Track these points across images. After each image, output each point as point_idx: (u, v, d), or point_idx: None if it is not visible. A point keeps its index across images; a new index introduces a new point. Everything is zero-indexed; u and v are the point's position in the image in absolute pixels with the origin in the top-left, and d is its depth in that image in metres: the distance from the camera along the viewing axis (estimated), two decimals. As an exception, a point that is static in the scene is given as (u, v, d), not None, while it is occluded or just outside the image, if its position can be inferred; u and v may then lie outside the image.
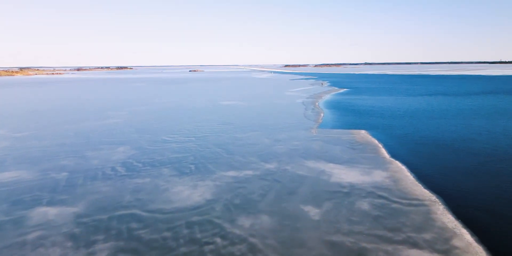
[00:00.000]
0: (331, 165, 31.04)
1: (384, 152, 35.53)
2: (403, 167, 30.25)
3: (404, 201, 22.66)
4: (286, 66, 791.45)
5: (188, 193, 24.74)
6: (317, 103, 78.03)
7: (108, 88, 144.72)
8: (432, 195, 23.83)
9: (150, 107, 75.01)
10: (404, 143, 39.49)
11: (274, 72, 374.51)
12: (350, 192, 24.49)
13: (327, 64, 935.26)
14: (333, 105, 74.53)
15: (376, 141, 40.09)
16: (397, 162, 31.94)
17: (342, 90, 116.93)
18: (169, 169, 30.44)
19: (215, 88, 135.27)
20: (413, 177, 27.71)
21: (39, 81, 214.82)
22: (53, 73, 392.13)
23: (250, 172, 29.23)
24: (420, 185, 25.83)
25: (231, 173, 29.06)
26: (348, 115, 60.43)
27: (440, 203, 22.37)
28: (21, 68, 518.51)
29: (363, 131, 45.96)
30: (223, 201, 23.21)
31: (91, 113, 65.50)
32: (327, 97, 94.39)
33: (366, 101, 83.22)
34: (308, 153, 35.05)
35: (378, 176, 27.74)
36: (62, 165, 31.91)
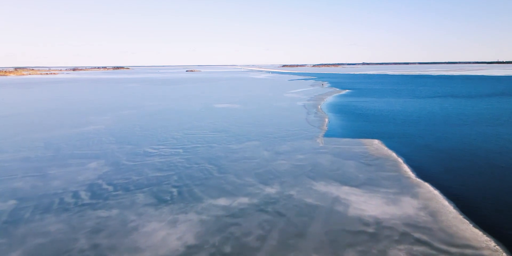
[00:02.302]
0: (346, 188, 25.08)
1: (407, 169, 29.61)
2: (436, 192, 24.31)
3: (454, 251, 16.70)
4: (284, 66, 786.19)
5: (164, 234, 18.70)
6: (319, 106, 72.10)
7: (98, 89, 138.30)
8: (488, 238, 17.89)
9: (138, 111, 68.84)
10: (427, 157, 33.54)
11: (272, 72, 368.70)
12: (377, 233, 18.51)
13: (325, 64, 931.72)
14: (338, 109, 68.58)
15: (394, 154, 34.17)
16: (426, 184, 26.02)
17: (344, 92, 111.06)
18: (145, 195, 24.40)
19: (211, 90, 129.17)
20: (454, 207, 21.77)
21: (29, 81, 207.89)
22: (47, 73, 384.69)
23: (245, 200, 23.24)
24: (467, 221, 19.90)
25: (222, 202, 23.05)
26: (355, 121, 54.52)
27: (505, 254, 16.41)
28: (16, 68, 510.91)
29: (376, 141, 40.05)
30: (208, 249, 17.20)
31: (71, 118, 59.29)
32: (330, 99, 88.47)
33: (373, 103, 77.33)
34: (316, 171, 29.07)
35: (409, 207, 21.78)
36: (13, 189, 25.80)
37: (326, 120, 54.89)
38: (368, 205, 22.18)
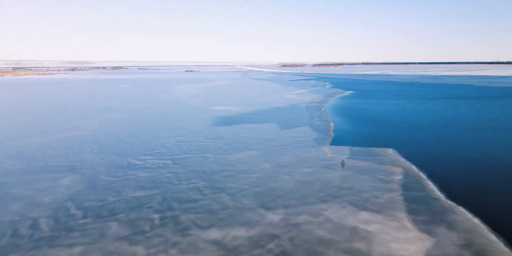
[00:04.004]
0: (365, 215, 20.60)
1: (433, 188, 25.14)
2: (476, 221, 19.84)
3: None
4: (283, 66, 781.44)
5: (133, 288, 14.21)
6: (323, 109, 67.61)
7: (93, 90, 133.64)
8: None
9: (129, 114, 64.30)
10: (452, 172, 29.05)
11: (273, 72, 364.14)
12: (416, 286, 14.01)
13: (326, 64, 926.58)
14: (342, 112, 64.07)
15: (414, 168, 29.70)
16: (460, 208, 21.57)
17: (347, 93, 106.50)
18: (119, 224, 19.91)
19: (209, 90, 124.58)
20: (505, 244, 17.29)
21: (25, 81, 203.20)
22: (44, 74, 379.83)
23: (242, 232, 18.75)
24: (527, 266, 15.41)
25: (213, 234, 18.57)
26: (363, 125, 50.04)
27: None
28: (15, 68, 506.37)
29: (390, 150, 35.60)
30: None
31: (56, 123, 54.76)
32: (333, 101, 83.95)
33: (379, 106, 72.80)
34: (327, 191, 24.59)
35: (448, 243, 17.29)
36: (-39, 215, 21.28)
37: (332, 124, 50.46)
38: (396, 240, 17.70)
